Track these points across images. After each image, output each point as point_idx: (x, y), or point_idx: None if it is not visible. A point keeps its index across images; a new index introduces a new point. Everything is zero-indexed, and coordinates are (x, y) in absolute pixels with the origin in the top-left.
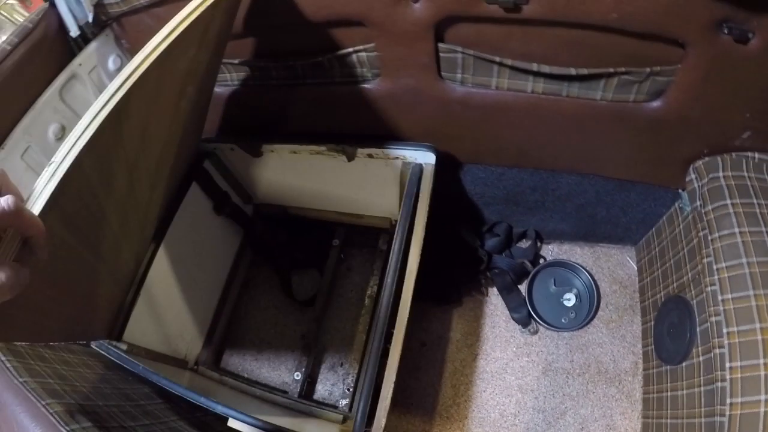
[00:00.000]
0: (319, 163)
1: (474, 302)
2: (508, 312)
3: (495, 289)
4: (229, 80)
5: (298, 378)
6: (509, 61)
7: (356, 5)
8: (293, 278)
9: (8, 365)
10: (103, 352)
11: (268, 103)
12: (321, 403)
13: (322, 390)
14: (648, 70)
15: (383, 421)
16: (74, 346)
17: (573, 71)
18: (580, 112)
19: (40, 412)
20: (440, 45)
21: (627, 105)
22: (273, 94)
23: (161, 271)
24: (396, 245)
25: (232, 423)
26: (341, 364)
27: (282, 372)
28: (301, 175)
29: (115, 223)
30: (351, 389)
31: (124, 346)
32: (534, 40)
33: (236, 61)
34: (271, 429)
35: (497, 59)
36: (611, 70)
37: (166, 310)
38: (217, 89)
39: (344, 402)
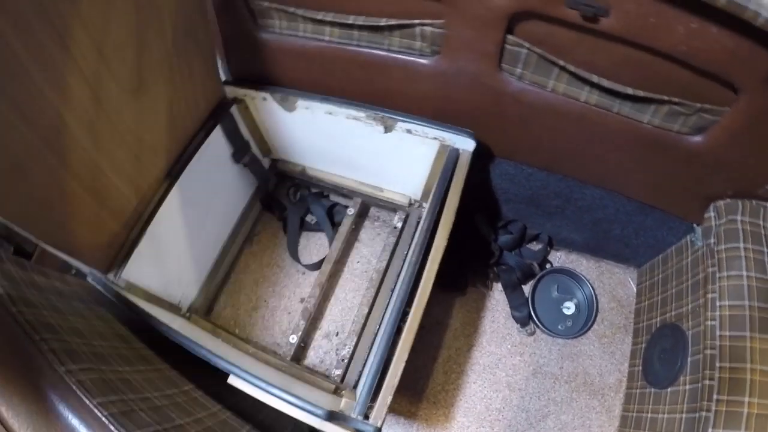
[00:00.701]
0: (353, 128)
1: (477, 294)
2: (509, 309)
3: (499, 285)
4: (276, 28)
5: (293, 341)
6: (572, 67)
7: None
8: (300, 240)
9: (21, 318)
10: (99, 287)
11: (314, 59)
12: (312, 370)
13: (313, 356)
14: (698, 105)
15: (389, 399)
16: (68, 277)
17: (630, 91)
18: (624, 131)
19: (35, 350)
20: (508, 37)
21: (669, 134)
22: (321, 52)
23: (170, 212)
24: (424, 225)
25: (232, 380)
26: (336, 334)
27: (275, 332)
28: (331, 137)
29: (84, 139)
30: (346, 360)
31: (122, 284)
32: (601, 52)
33: (289, 9)
34: (273, 389)
35: (561, 63)
36: (665, 97)
37: (169, 253)
38: (262, 34)
39: (337, 372)
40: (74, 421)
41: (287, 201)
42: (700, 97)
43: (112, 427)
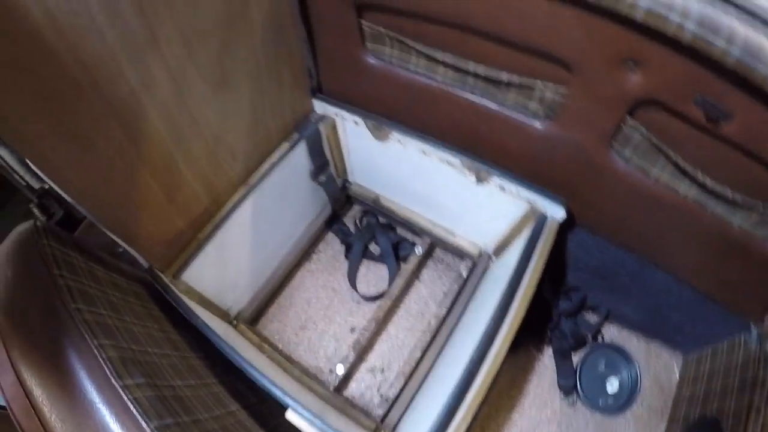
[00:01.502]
0: (443, 171)
1: (527, 355)
2: (555, 375)
3: (550, 350)
4: (386, 55)
5: (339, 372)
6: (680, 161)
7: (574, 51)
8: (360, 268)
9: (61, 282)
10: (158, 287)
11: (419, 95)
12: (353, 404)
13: (354, 388)
14: None
15: None
16: (125, 266)
17: (730, 194)
18: (712, 229)
19: (92, 355)
20: (627, 118)
21: (755, 239)
22: (429, 90)
23: (242, 220)
24: (506, 289)
25: (290, 415)
26: (382, 370)
27: (319, 356)
28: (416, 174)
29: (159, 124)
30: (389, 401)
31: (182, 286)
32: (712, 151)
33: (407, 41)
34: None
35: (671, 154)
36: (761, 207)
37: (231, 259)
38: (367, 58)
39: (379, 411)
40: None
41: (354, 226)
42: None
43: (135, 412)
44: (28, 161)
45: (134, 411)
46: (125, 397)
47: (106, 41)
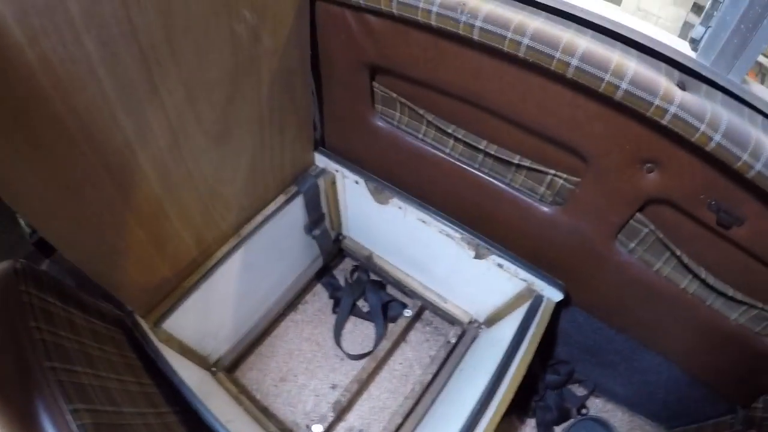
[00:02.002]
0: (442, 242)
1: (510, 426)
2: None
3: (533, 421)
4: (395, 120)
5: (317, 431)
6: (685, 258)
7: (593, 145)
8: (346, 324)
9: (37, 335)
10: (138, 336)
11: (424, 165)
12: None
13: None
14: None
15: None
16: (104, 308)
17: (731, 292)
18: (709, 321)
19: (63, 422)
20: (636, 214)
21: (749, 333)
22: (435, 161)
23: (230, 271)
24: (497, 369)
25: None
26: (360, 431)
27: (297, 412)
28: (413, 240)
29: (152, 177)
30: None
31: (162, 335)
32: (718, 252)
33: (419, 110)
34: None
35: (677, 252)
36: (760, 305)
37: (216, 309)
38: (375, 120)
39: None
40: None
41: (344, 280)
42: None
43: None
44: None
45: None
46: None
47: (104, 91)
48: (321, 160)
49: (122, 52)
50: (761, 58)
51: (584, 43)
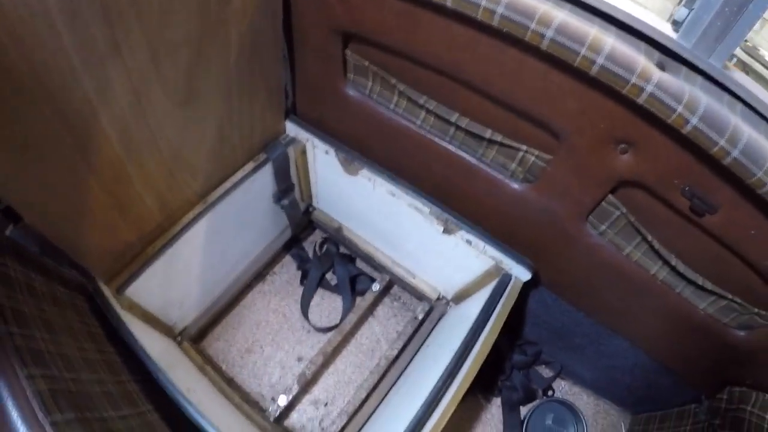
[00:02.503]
0: (410, 216)
1: (474, 403)
2: (501, 426)
3: (499, 400)
4: (366, 89)
5: (282, 402)
6: (656, 243)
7: (566, 121)
8: (315, 297)
9: None
10: (98, 302)
11: (395, 136)
12: None
13: (295, 419)
14: (756, 309)
15: None
16: (66, 274)
17: (700, 281)
18: (678, 310)
19: (20, 387)
20: (608, 196)
21: (717, 324)
22: (406, 133)
23: (195, 237)
24: (461, 347)
25: None
26: (325, 404)
27: (263, 383)
28: (382, 213)
29: (114, 139)
30: None
31: (124, 302)
32: (689, 238)
33: (391, 80)
34: None
35: (648, 237)
36: (729, 295)
37: (180, 277)
38: (347, 88)
39: None
40: None
41: (313, 252)
42: (763, 304)
43: None
44: None
45: None
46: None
47: (64, 47)
48: (292, 129)
49: (83, 6)
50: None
51: (561, 15)
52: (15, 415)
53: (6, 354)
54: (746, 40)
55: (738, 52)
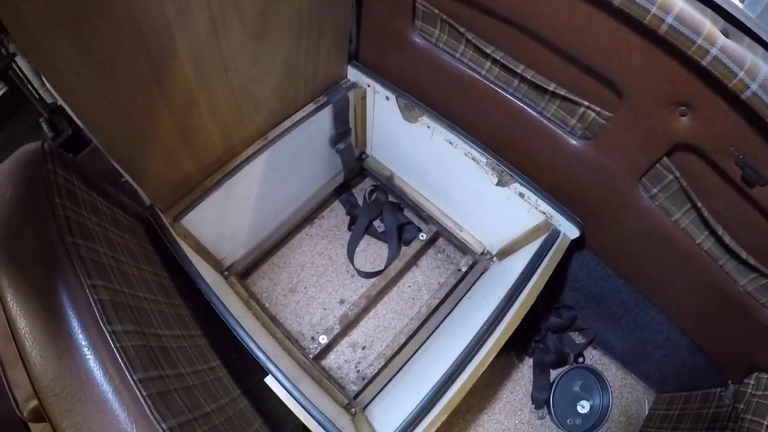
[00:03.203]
0: (466, 166)
1: (507, 361)
2: (530, 387)
3: (531, 361)
4: (434, 38)
5: (322, 341)
6: (705, 211)
7: (630, 79)
8: (361, 243)
9: (60, 212)
10: (156, 227)
11: (459, 85)
12: (329, 375)
13: (333, 359)
14: None
15: None
16: (126, 201)
17: (744, 255)
18: (719, 283)
19: (83, 296)
20: (663, 158)
21: (755, 303)
22: (470, 82)
23: (252, 173)
24: (505, 296)
25: (270, 381)
26: (363, 347)
27: (304, 322)
28: (437, 162)
29: (187, 66)
30: (366, 380)
31: (180, 230)
32: (738, 209)
33: (460, 28)
34: (306, 404)
35: (698, 204)
36: None
37: (234, 211)
38: (414, 36)
39: (354, 388)
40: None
41: (362, 199)
42: None
43: (120, 361)
44: (46, 82)
45: (120, 360)
46: (113, 345)
47: None
48: (353, 74)
49: (195, 13)
50: None
51: None
52: (75, 323)
53: (71, 263)
54: None
55: None
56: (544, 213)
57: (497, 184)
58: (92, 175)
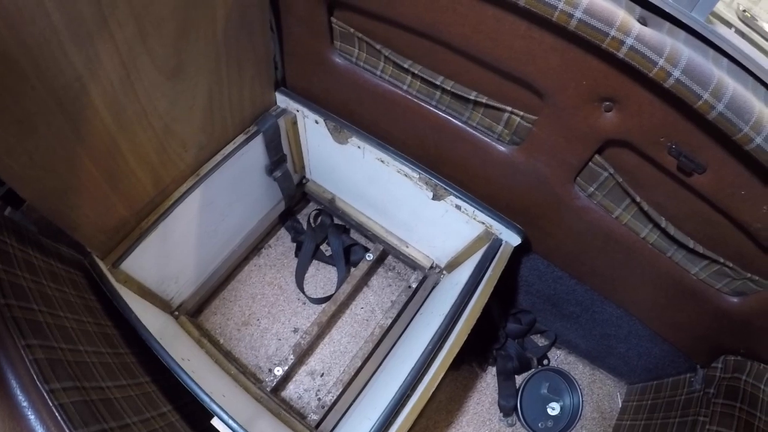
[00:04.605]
0: (400, 183)
1: (470, 373)
2: (496, 395)
3: (494, 369)
4: (353, 57)
5: (278, 373)
6: (645, 205)
7: (549, 80)
8: (309, 268)
9: None
10: (95, 276)
11: (382, 102)
12: (289, 406)
13: (292, 390)
14: (749, 274)
15: None
16: (64, 252)
17: (691, 244)
18: (670, 274)
19: (19, 356)
20: (595, 156)
21: (710, 289)
22: (392, 98)
23: (188, 211)
24: (450, 310)
25: (216, 423)
26: (321, 375)
27: (259, 355)
28: (373, 181)
29: (104, 113)
30: (326, 408)
31: (120, 276)
32: (678, 200)
33: (376, 45)
34: None
35: (637, 198)
36: (721, 259)
37: (175, 251)
38: (333, 57)
39: (314, 417)
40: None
41: (307, 224)
42: (753, 267)
43: (59, 419)
44: None
45: (59, 418)
46: (50, 403)
47: (53, 23)
48: (282, 100)
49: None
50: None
51: None
52: (14, 383)
53: (4, 325)
54: (744, 10)
55: (736, 22)
56: (483, 223)
57: (433, 198)
58: (29, 231)
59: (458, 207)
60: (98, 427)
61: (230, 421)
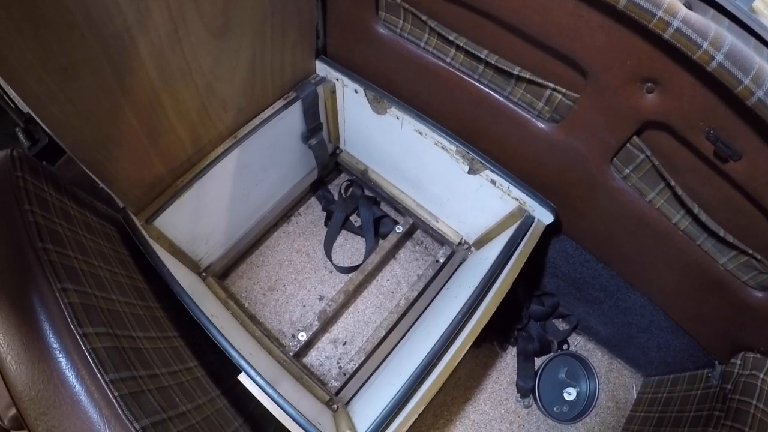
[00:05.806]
0: (436, 155)
1: (491, 351)
2: (515, 376)
3: (514, 350)
4: (398, 27)
5: (302, 338)
6: (679, 190)
7: (594, 58)
8: (338, 238)
9: (30, 218)
10: (129, 230)
11: (425, 74)
12: (310, 372)
13: (314, 356)
14: None
15: None
16: (99, 205)
17: (722, 233)
18: (698, 263)
19: (54, 299)
20: (633, 137)
21: (736, 281)
22: (436, 70)
23: (223, 172)
24: (479, 284)
25: (243, 378)
26: (344, 343)
27: (284, 320)
28: (408, 153)
29: (149, 66)
30: (347, 375)
31: (153, 232)
32: (713, 187)
33: (422, 16)
34: (282, 402)
35: (672, 183)
36: (750, 250)
37: (207, 211)
38: (378, 27)
39: (335, 384)
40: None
41: (338, 194)
42: None
43: (91, 362)
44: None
45: (91, 362)
46: (83, 347)
47: None
48: (322, 69)
49: (153, 13)
50: None
51: None
52: (47, 326)
53: (41, 268)
54: None
55: None
56: (517, 199)
57: (469, 172)
58: (65, 181)
59: (493, 182)
60: (128, 374)
61: (258, 378)
